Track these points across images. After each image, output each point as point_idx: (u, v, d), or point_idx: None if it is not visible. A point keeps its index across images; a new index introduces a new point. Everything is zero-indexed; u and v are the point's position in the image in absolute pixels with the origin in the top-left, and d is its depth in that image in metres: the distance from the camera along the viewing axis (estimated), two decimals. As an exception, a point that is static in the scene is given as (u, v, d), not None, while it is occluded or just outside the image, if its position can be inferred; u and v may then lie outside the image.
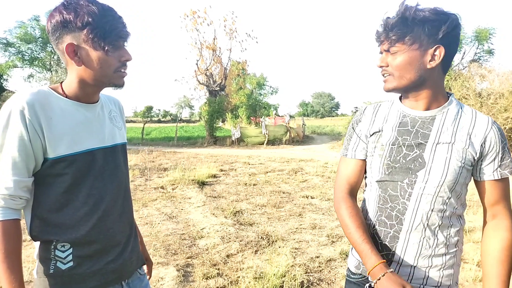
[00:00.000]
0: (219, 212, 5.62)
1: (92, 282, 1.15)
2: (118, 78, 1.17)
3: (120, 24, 1.12)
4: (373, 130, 1.26)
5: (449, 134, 1.15)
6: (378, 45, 1.19)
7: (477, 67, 14.79)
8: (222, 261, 3.72)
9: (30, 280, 3.22)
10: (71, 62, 1.11)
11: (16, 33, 18.87)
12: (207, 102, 20.89)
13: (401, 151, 1.18)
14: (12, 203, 1.05)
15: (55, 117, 1.09)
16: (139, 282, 1.34)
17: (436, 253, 1.17)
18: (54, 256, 1.12)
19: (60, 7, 1.07)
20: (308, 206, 5.95)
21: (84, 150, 1.14)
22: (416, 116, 1.19)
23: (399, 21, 1.10)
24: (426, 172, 1.15)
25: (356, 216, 1.22)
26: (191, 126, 43.61)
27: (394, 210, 1.19)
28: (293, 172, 9.42)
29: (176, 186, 7.57)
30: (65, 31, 1.07)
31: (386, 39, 1.14)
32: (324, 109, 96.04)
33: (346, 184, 1.30)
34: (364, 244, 1.15)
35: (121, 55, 1.14)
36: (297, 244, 4.23)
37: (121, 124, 1.35)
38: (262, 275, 3.31)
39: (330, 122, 47.99)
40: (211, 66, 22.02)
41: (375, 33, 1.19)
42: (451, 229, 1.19)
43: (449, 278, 1.19)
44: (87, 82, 1.14)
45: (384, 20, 1.15)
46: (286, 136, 19.44)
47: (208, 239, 4.41)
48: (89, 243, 1.14)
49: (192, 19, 20.98)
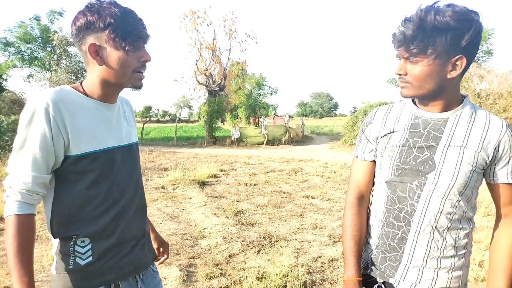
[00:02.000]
0: (221, 212, 5.63)
1: (110, 275, 1.19)
2: (137, 79, 1.21)
3: (141, 25, 1.16)
4: (385, 131, 1.26)
5: (461, 137, 1.14)
6: (395, 48, 1.14)
7: (476, 68, 14.82)
8: (224, 261, 3.73)
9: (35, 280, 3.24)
10: (93, 61, 1.15)
11: (15, 32, 18.84)
12: (207, 102, 20.90)
13: (411, 153, 1.18)
14: (29, 198, 1.07)
15: (79, 114, 1.12)
16: (152, 279, 1.38)
17: (444, 255, 1.18)
18: (74, 251, 1.15)
19: (85, 10, 1.12)
20: (309, 206, 5.97)
21: (105, 148, 1.17)
22: (429, 118, 1.18)
23: (419, 31, 1.05)
24: (436, 174, 1.14)
25: (356, 226, 1.28)
26: (190, 126, 43.56)
27: (402, 211, 1.19)
28: (293, 172, 9.44)
29: (177, 186, 7.57)
30: (88, 32, 1.12)
31: (406, 50, 1.09)
32: (323, 109, 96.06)
33: (356, 188, 1.34)
34: (351, 255, 1.26)
35: (140, 56, 1.18)
36: (299, 244, 4.24)
37: (133, 124, 1.40)
38: (265, 275, 3.32)
39: (329, 122, 48.02)
40: (211, 66, 22.02)
41: (393, 37, 1.13)
42: (460, 232, 1.18)
43: (458, 279, 1.20)
44: (107, 81, 1.18)
45: (403, 26, 1.09)
46: (285, 136, 19.45)
47: (210, 239, 4.43)
48: (107, 237, 1.18)
49: (192, 19, 20.96)
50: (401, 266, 1.20)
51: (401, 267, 1.20)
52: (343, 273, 1.27)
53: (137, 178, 1.31)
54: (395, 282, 1.22)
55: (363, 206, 1.33)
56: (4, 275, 3.34)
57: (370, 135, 1.30)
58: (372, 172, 1.32)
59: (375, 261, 1.27)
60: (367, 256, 1.31)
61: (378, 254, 1.27)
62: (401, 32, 1.09)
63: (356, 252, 1.26)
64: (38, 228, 4.73)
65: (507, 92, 12.18)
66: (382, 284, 1.25)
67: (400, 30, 1.10)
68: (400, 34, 1.10)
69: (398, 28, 1.12)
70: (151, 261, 1.39)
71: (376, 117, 1.31)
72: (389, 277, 1.23)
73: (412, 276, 1.19)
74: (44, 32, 18.83)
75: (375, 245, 1.28)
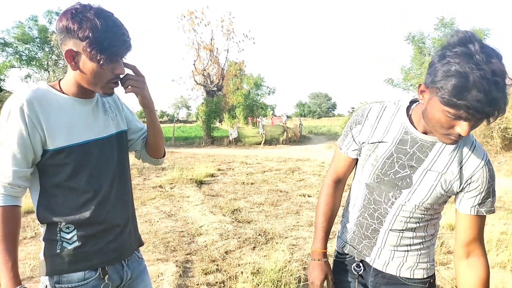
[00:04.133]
0: (218, 210, 5.68)
1: (96, 259, 1.25)
2: (108, 89, 1.25)
3: (120, 42, 1.17)
4: (373, 140, 1.26)
5: (443, 164, 1.16)
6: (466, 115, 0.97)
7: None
8: (221, 257, 3.79)
9: (32, 276, 3.29)
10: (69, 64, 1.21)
11: (13, 33, 18.83)
12: (205, 102, 20.94)
13: (393, 167, 1.23)
14: (11, 191, 1.15)
15: (53, 111, 1.18)
16: (137, 265, 1.44)
17: (414, 242, 1.29)
18: (60, 237, 1.21)
19: (68, 14, 1.14)
20: (305, 204, 6.03)
21: (80, 142, 1.23)
22: (418, 138, 1.18)
23: (500, 106, 0.94)
24: (410, 192, 1.21)
25: (328, 205, 1.43)
26: (188, 126, 43.57)
27: (377, 212, 1.29)
28: (290, 171, 9.50)
29: (175, 185, 7.62)
30: (68, 36, 1.15)
31: (491, 117, 0.97)
32: (321, 110, 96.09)
33: (334, 173, 1.45)
34: (320, 230, 1.42)
35: (114, 68, 1.21)
36: (294, 240, 4.30)
37: (119, 112, 1.42)
38: (260, 270, 3.38)
39: (327, 122, 48.07)
40: (209, 66, 22.08)
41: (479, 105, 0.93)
42: (428, 225, 1.29)
43: (426, 255, 1.31)
44: (81, 84, 1.23)
45: (497, 92, 0.92)
46: (283, 136, 19.51)
47: (207, 236, 4.48)
48: (91, 224, 1.24)
49: (190, 20, 21.04)
50: (375, 248, 1.32)
51: (375, 248, 1.32)
52: (312, 244, 1.44)
53: (116, 167, 1.33)
54: (371, 260, 1.33)
55: (338, 189, 1.46)
56: None
57: (357, 137, 1.32)
58: (352, 165, 1.41)
59: (352, 242, 1.39)
60: (346, 237, 1.42)
61: (355, 237, 1.37)
62: (483, 103, 0.92)
63: (325, 228, 1.42)
64: (36, 226, 4.77)
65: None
66: (360, 262, 1.37)
67: (492, 95, 0.92)
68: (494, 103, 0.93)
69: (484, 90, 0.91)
70: (136, 248, 1.46)
71: (368, 120, 1.28)
72: (365, 256, 1.35)
73: (385, 255, 1.31)
74: (42, 33, 18.82)
75: (352, 230, 1.39)
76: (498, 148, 11.74)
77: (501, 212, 5.37)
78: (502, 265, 3.50)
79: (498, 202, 5.98)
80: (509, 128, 11.54)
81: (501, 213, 5.30)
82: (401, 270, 1.29)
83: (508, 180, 8.13)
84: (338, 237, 1.48)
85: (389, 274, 1.30)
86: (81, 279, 1.22)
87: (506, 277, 3.29)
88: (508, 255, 3.60)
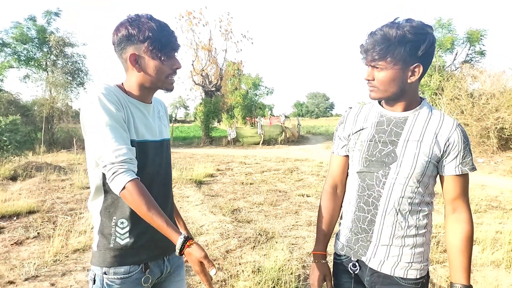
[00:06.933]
0: (217, 210, 5.75)
1: (143, 255, 1.34)
2: (169, 84, 1.37)
3: (173, 38, 1.31)
4: (355, 129, 1.44)
5: (418, 133, 1.32)
6: (362, 58, 1.34)
7: (469, 68, 15.05)
8: (221, 256, 3.86)
9: (37, 275, 3.34)
10: (132, 68, 1.31)
11: (12, 33, 18.77)
12: (203, 103, 20.99)
13: (377, 147, 1.36)
14: (132, 166, 1.18)
15: (126, 105, 1.29)
16: (177, 260, 1.53)
17: (407, 234, 1.36)
18: (115, 232, 1.30)
19: (126, 23, 1.27)
20: (304, 204, 6.11)
21: (142, 140, 1.32)
22: (392, 116, 1.37)
23: (382, 42, 1.24)
24: (398, 165, 1.32)
25: (327, 209, 1.55)
26: (187, 126, 43.64)
27: (371, 197, 1.38)
28: (289, 171, 9.58)
29: (174, 185, 7.68)
30: (129, 43, 1.27)
31: (371, 58, 1.27)
32: (319, 109, 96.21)
33: (331, 179, 1.57)
34: (320, 233, 1.55)
35: (173, 64, 1.34)
36: (293, 240, 4.38)
37: (167, 122, 1.55)
38: (260, 269, 3.45)
39: (325, 122, 48.21)
40: (207, 66, 22.11)
41: (360, 48, 1.32)
42: (420, 214, 1.36)
43: (420, 255, 1.38)
44: (144, 85, 1.34)
45: (369, 38, 1.28)
46: (282, 136, 19.60)
47: (208, 235, 4.55)
48: (143, 222, 1.26)
49: (188, 20, 21.06)
50: (371, 246, 1.39)
51: (371, 246, 1.39)
52: (313, 247, 1.57)
53: (164, 168, 1.44)
54: (367, 259, 1.41)
55: (337, 194, 1.56)
56: (8, 270, 3.44)
57: (342, 134, 1.50)
58: (346, 164, 1.52)
59: (349, 243, 1.47)
60: (343, 239, 1.50)
61: (352, 236, 1.45)
62: (368, 41, 1.29)
63: (325, 231, 1.54)
64: (38, 226, 4.82)
65: (499, 92, 12.38)
66: (356, 262, 1.44)
67: (366, 41, 1.30)
68: (366, 43, 1.29)
69: (365, 40, 1.31)
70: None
71: (348, 117, 1.50)
72: (361, 256, 1.42)
73: (380, 254, 1.38)
74: (41, 33, 18.75)
75: (349, 228, 1.47)
76: (494, 148, 11.85)
77: (496, 211, 5.46)
78: (496, 263, 3.58)
79: (494, 202, 6.08)
80: (505, 129, 11.65)
81: (496, 212, 5.40)
82: (396, 269, 1.36)
83: (504, 180, 8.23)
84: (336, 239, 1.57)
85: (384, 273, 1.38)
86: (127, 272, 1.31)
87: (501, 275, 3.37)
88: (503, 254, 3.69)
